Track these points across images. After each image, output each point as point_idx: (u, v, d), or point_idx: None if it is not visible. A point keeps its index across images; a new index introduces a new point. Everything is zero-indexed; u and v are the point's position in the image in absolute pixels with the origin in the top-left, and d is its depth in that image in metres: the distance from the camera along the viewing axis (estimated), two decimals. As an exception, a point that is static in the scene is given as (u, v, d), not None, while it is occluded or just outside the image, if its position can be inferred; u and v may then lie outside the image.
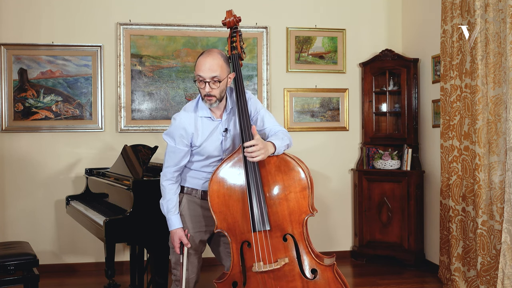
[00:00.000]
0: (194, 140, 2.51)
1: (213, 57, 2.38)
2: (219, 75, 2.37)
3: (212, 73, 2.36)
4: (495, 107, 3.49)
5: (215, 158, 2.57)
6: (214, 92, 2.39)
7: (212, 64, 2.36)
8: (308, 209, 2.38)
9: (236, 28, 2.59)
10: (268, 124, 2.60)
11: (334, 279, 2.36)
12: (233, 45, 2.56)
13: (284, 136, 2.51)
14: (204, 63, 2.37)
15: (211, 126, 2.52)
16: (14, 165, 4.48)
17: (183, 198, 2.64)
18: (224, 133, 2.53)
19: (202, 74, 2.37)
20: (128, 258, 4.41)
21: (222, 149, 2.56)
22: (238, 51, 2.55)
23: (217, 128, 2.52)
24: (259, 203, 2.38)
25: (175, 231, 2.55)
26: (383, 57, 4.77)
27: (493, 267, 3.50)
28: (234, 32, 2.59)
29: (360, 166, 4.88)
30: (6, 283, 2.96)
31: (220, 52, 2.44)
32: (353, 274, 4.45)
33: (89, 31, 4.58)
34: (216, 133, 2.52)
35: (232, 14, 2.58)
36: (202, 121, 2.51)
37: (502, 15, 3.41)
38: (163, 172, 2.58)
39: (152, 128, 4.64)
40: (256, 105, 2.60)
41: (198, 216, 2.62)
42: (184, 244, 2.54)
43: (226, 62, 2.43)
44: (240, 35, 2.58)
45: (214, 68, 2.36)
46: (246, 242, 2.41)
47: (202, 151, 2.54)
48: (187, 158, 2.55)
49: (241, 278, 2.44)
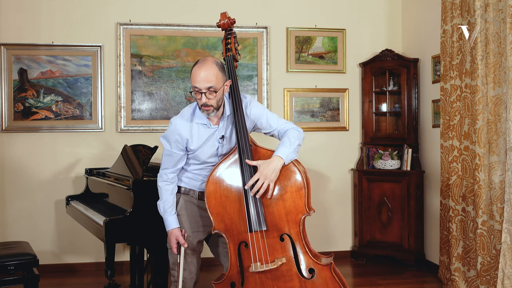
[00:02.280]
0: (189, 145, 2.51)
1: (207, 67, 2.35)
2: (215, 85, 2.35)
3: (208, 83, 2.33)
4: (495, 107, 3.49)
5: (211, 164, 2.57)
6: (211, 102, 2.38)
7: (207, 75, 2.33)
8: (304, 209, 2.38)
9: (231, 29, 2.60)
10: (274, 125, 2.58)
11: (331, 278, 2.36)
12: (227, 46, 2.57)
13: (292, 136, 2.48)
14: (199, 73, 2.34)
15: (207, 133, 2.51)
16: (14, 165, 4.48)
17: (180, 198, 2.64)
18: (221, 140, 2.52)
19: (197, 85, 2.35)
20: (128, 258, 4.41)
21: (218, 156, 2.55)
22: (232, 53, 2.56)
23: (213, 135, 2.52)
24: (255, 204, 2.38)
25: (171, 231, 2.56)
26: (383, 57, 4.77)
27: (493, 267, 3.50)
28: (228, 34, 2.60)
29: (360, 166, 4.88)
30: (6, 283, 2.96)
31: (215, 60, 2.40)
32: (353, 274, 4.45)
33: (89, 31, 4.58)
34: (212, 140, 2.52)
35: (226, 16, 2.59)
36: (198, 127, 2.50)
37: (502, 15, 3.41)
38: (159, 174, 2.60)
39: (152, 128, 4.64)
40: (257, 110, 2.56)
41: (195, 216, 2.63)
42: (181, 244, 2.54)
43: (221, 70, 2.40)
44: (234, 36, 2.59)
45: (209, 79, 2.33)
46: (243, 243, 2.41)
47: (197, 157, 2.54)
48: (183, 161, 2.57)
49: (239, 278, 2.44)
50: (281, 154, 2.40)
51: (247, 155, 2.41)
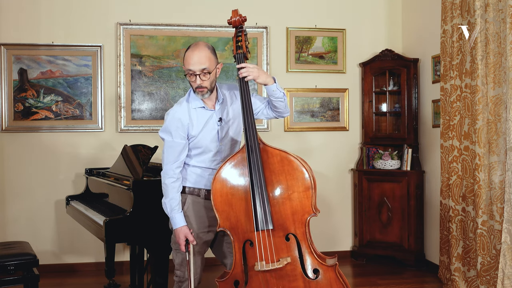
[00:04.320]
0: (190, 131, 2.54)
1: (200, 49, 2.44)
2: (208, 67, 2.44)
3: (201, 65, 2.43)
4: (495, 107, 3.49)
5: (212, 151, 2.59)
6: (205, 83, 2.47)
7: (200, 57, 2.43)
8: (311, 209, 2.39)
9: (242, 27, 2.60)
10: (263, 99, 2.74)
11: (336, 279, 2.36)
12: (238, 44, 2.57)
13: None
14: (192, 56, 2.43)
15: (206, 116, 2.56)
16: (14, 165, 4.48)
17: (187, 198, 2.62)
18: (219, 123, 2.58)
19: (191, 68, 2.44)
20: (128, 258, 4.41)
21: (219, 138, 2.59)
22: (243, 50, 2.56)
23: (212, 118, 2.57)
24: (262, 203, 2.38)
25: (180, 229, 2.53)
26: (383, 57, 4.77)
27: (493, 267, 3.50)
28: (239, 32, 2.59)
29: (360, 166, 4.88)
30: (6, 283, 2.96)
31: (206, 44, 2.50)
32: (353, 274, 4.45)
33: (89, 31, 4.58)
34: (211, 122, 2.57)
35: (237, 14, 2.59)
36: (196, 111, 2.56)
37: (502, 15, 3.41)
38: (164, 171, 2.57)
39: (152, 128, 4.64)
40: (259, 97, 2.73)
41: (202, 217, 2.61)
42: (189, 242, 2.52)
43: (213, 53, 2.50)
44: (245, 34, 2.60)
45: (202, 61, 2.43)
46: (248, 241, 2.41)
47: (199, 143, 2.56)
48: (185, 151, 2.57)
49: (243, 277, 2.44)
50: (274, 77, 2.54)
51: (255, 154, 2.41)
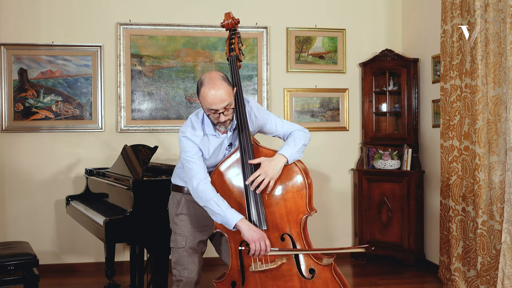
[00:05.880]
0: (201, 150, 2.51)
1: (218, 87, 2.31)
2: (230, 102, 2.35)
3: (223, 103, 2.32)
4: (495, 107, 3.49)
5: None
6: (229, 117, 2.39)
7: (222, 95, 2.30)
8: (305, 209, 2.38)
9: (235, 30, 2.60)
10: (280, 128, 2.61)
11: (332, 279, 2.35)
12: (231, 46, 2.57)
13: (298, 136, 2.51)
14: (215, 97, 2.30)
15: (217, 142, 2.51)
16: (14, 165, 4.48)
17: (182, 198, 2.64)
18: (229, 147, 2.54)
19: (214, 107, 2.33)
20: (128, 258, 4.41)
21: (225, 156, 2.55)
22: (236, 53, 2.56)
23: (222, 144, 2.52)
24: (255, 203, 2.38)
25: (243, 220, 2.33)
26: (383, 57, 4.77)
27: (493, 267, 3.50)
28: (232, 34, 2.59)
29: (360, 166, 4.88)
30: (6, 283, 2.96)
31: (221, 75, 2.37)
32: (353, 274, 4.45)
33: (89, 31, 4.58)
34: (222, 148, 2.53)
35: (230, 16, 2.59)
36: (209, 138, 2.50)
37: (502, 15, 3.41)
38: (195, 182, 2.41)
39: (152, 128, 4.64)
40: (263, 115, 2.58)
41: (197, 216, 2.62)
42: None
43: (228, 83, 2.38)
44: (238, 36, 2.59)
45: (224, 98, 2.31)
46: (244, 242, 2.41)
47: (207, 162, 2.53)
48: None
49: (240, 277, 2.44)
50: (284, 152, 2.41)
51: (249, 155, 2.41)
